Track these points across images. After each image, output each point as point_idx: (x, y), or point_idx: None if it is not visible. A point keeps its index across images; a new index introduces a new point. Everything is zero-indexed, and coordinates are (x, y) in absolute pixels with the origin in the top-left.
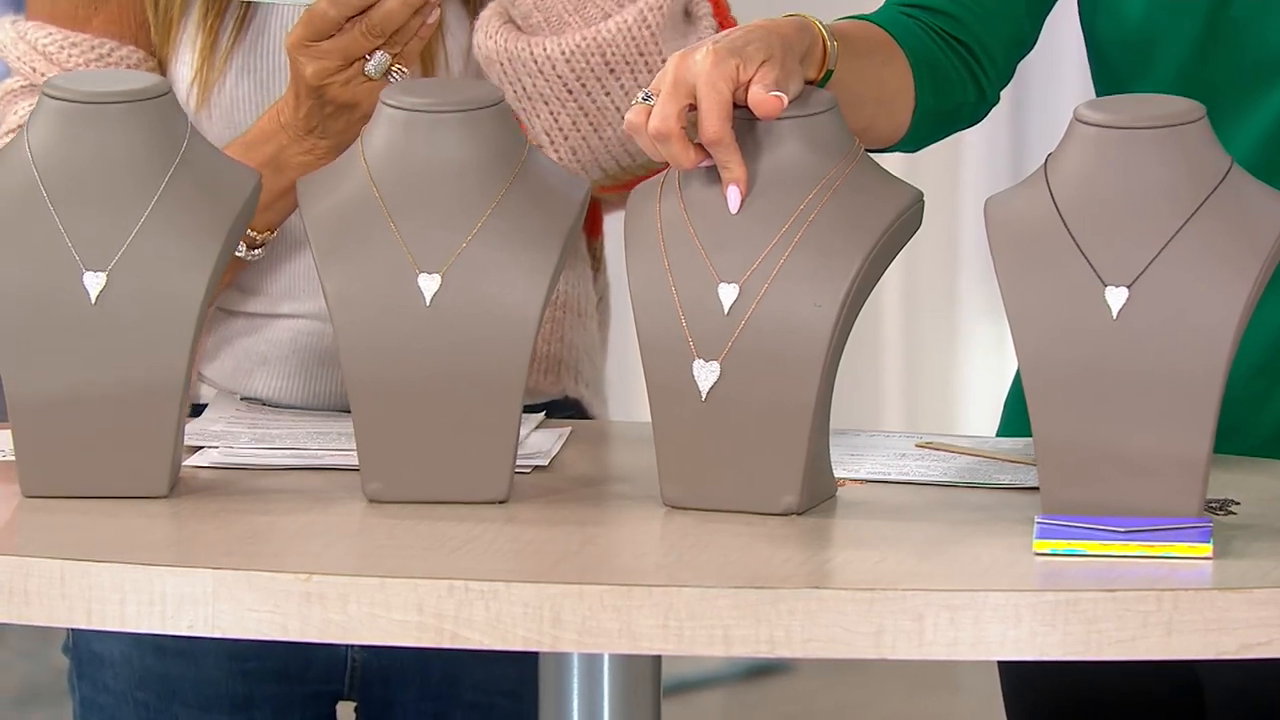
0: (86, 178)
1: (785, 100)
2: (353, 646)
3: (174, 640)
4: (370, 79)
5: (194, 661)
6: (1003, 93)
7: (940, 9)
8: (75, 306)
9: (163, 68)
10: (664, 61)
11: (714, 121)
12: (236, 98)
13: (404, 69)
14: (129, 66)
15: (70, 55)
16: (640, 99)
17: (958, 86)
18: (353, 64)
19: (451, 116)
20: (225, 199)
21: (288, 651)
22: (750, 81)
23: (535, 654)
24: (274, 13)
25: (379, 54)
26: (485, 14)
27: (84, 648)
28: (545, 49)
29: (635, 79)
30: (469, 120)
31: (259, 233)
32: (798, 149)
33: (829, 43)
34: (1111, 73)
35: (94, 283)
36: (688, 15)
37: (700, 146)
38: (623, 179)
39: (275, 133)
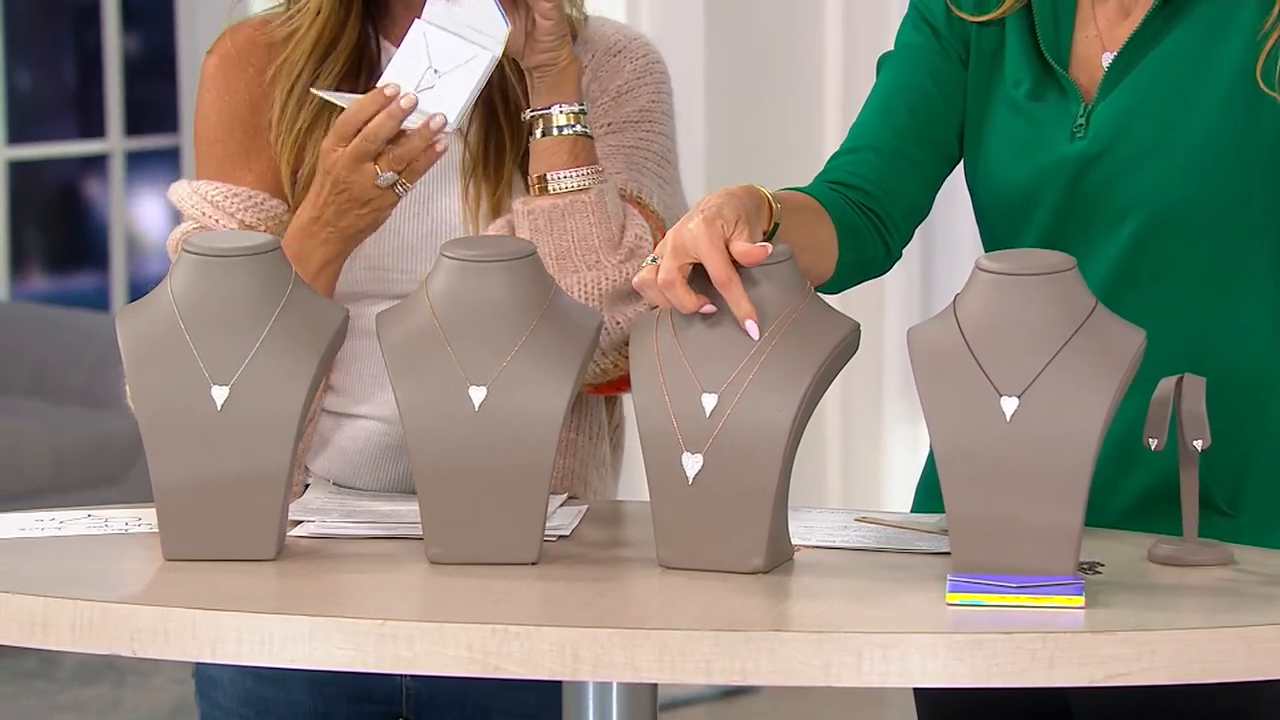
0: (215, 313)
1: (769, 249)
2: (406, 676)
3: (268, 669)
4: (379, 189)
5: (283, 685)
6: (914, 248)
7: (855, 185)
8: (205, 413)
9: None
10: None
11: (722, 270)
12: (368, 241)
13: (407, 184)
14: (275, 215)
15: (232, 203)
16: (649, 262)
17: (870, 244)
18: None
19: (496, 265)
20: (321, 329)
21: (356, 679)
22: (731, 237)
23: (558, 683)
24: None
25: (389, 172)
26: (499, 221)
27: (203, 673)
28: None
29: None
30: (509, 268)
31: None
32: (764, 290)
33: (774, 204)
34: (994, 231)
35: (220, 394)
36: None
37: (697, 294)
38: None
39: (296, 233)
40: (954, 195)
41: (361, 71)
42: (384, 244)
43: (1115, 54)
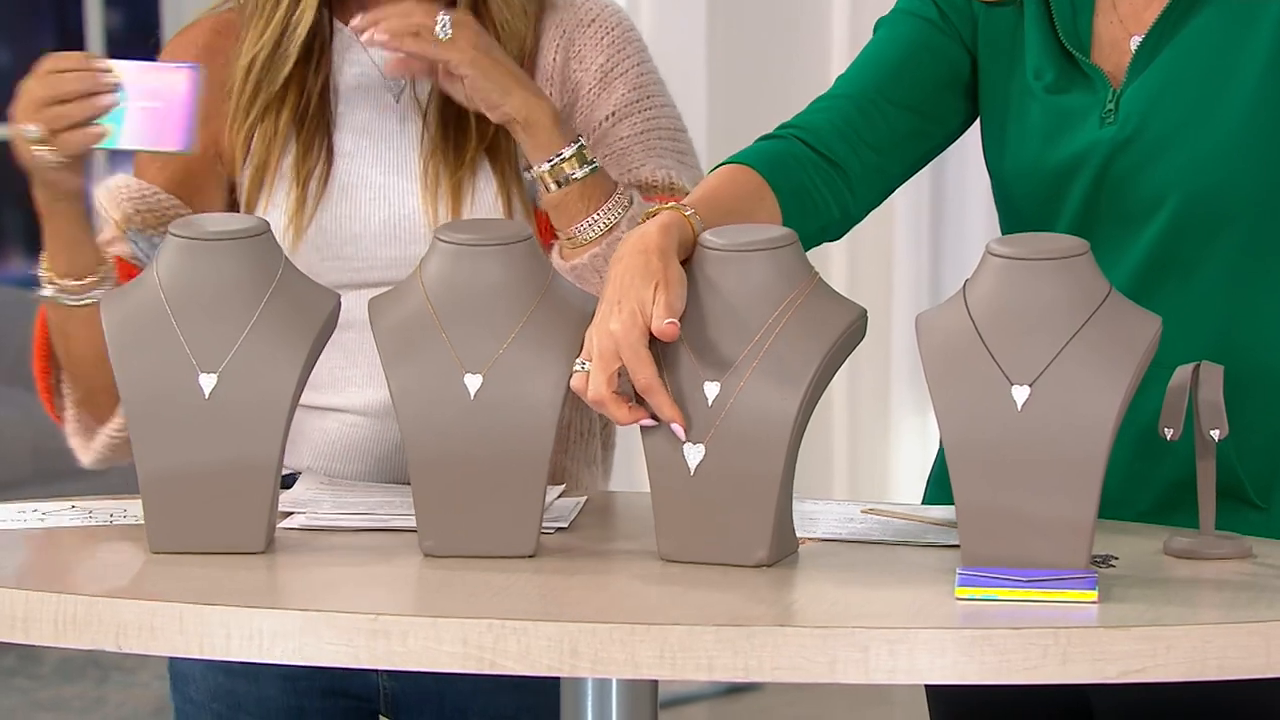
0: (202, 298)
1: (678, 326)
2: (381, 674)
3: (239, 663)
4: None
5: (255, 680)
6: (923, 232)
7: (818, 128)
8: (192, 401)
9: (250, 208)
10: None
11: (641, 377)
12: (324, 228)
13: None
14: (157, 208)
15: (119, 194)
16: (578, 367)
17: (822, 208)
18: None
19: (491, 249)
20: (311, 315)
21: (331, 674)
22: (650, 316)
23: (538, 686)
24: (351, 165)
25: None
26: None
27: (176, 668)
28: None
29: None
30: (505, 252)
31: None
32: (768, 274)
33: (693, 221)
34: (1022, 219)
35: (207, 382)
36: None
37: (631, 407)
38: None
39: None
40: (964, 180)
41: (314, 51)
42: (343, 232)
43: (1142, 37)
